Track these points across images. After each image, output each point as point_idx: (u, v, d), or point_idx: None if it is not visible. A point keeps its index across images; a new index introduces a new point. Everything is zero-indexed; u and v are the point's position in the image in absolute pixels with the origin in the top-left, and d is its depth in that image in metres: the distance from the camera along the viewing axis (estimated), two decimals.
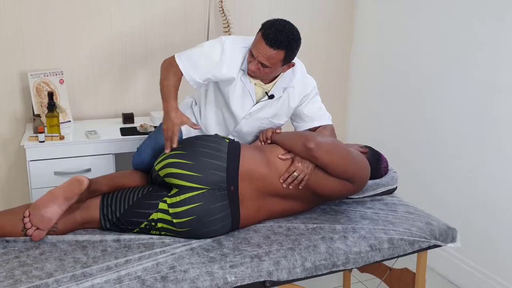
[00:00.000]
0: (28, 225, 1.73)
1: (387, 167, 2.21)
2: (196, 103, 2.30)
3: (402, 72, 3.08)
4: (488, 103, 2.53)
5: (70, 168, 2.47)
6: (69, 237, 1.78)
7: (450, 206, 2.78)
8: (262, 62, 1.94)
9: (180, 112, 1.95)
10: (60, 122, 2.53)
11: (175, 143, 1.89)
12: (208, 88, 2.20)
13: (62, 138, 2.47)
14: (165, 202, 1.80)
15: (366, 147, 2.20)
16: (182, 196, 1.78)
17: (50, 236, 1.77)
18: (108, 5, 2.80)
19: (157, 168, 1.88)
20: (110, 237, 1.79)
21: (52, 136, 2.44)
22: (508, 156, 2.46)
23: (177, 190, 1.81)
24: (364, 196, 2.23)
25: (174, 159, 1.85)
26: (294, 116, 2.26)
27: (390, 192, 2.30)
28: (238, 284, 1.63)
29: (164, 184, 1.87)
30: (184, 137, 2.16)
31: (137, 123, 2.82)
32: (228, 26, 2.89)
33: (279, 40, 1.90)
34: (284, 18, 1.98)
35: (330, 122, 2.26)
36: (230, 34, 2.85)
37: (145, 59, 2.96)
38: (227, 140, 1.97)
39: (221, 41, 2.04)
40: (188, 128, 2.16)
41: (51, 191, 1.76)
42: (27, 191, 2.68)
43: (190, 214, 1.77)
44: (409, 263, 2.27)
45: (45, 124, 2.51)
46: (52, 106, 2.49)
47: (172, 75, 2.00)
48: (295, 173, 1.90)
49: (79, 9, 2.75)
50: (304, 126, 2.25)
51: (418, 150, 2.99)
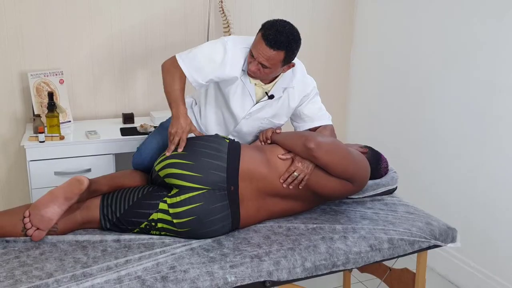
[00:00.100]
0: (28, 225, 1.73)
1: (387, 167, 2.21)
2: (196, 103, 2.30)
3: (402, 72, 3.07)
4: (488, 103, 2.53)
5: (70, 168, 2.47)
6: (69, 237, 1.78)
7: (450, 206, 2.78)
8: (262, 62, 1.94)
9: (189, 119, 1.95)
10: (60, 122, 2.53)
11: (181, 149, 1.88)
12: (208, 88, 2.20)
13: (62, 138, 2.47)
14: (165, 202, 1.80)
15: (366, 147, 2.20)
16: (182, 196, 1.78)
17: (50, 236, 1.77)
18: (108, 5, 2.80)
19: (157, 168, 1.88)
20: (110, 237, 1.79)
21: (52, 136, 2.44)
22: (508, 156, 2.46)
23: (177, 190, 1.81)
24: (364, 196, 2.23)
25: (174, 159, 1.85)
26: (294, 116, 2.26)
27: (390, 192, 2.30)
28: (238, 284, 1.63)
29: (164, 184, 1.87)
30: None
31: (137, 123, 2.82)
32: (228, 26, 2.88)
33: (279, 41, 1.90)
34: (284, 19, 1.98)
35: (330, 122, 2.26)
36: (230, 34, 2.85)
37: (145, 59, 2.96)
38: (227, 140, 1.96)
39: (223, 41, 2.04)
40: None
41: (51, 191, 1.76)
42: (27, 191, 2.68)
43: (190, 214, 1.77)
44: (409, 263, 2.27)
45: (45, 124, 2.50)
46: (52, 106, 2.49)
47: (177, 78, 1.99)
48: (295, 173, 1.90)
49: (79, 9, 2.74)
50: (304, 126, 2.25)
51: (418, 150, 2.99)
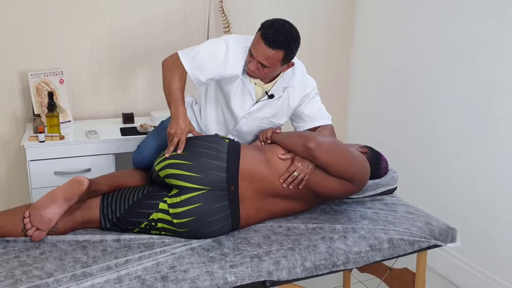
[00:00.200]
0: (28, 225, 1.73)
1: (387, 167, 2.21)
2: (196, 102, 2.29)
3: (402, 72, 3.07)
4: (488, 103, 2.53)
5: (70, 168, 2.47)
6: (69, 237, 1.78)
7: (450, 206, 2.78)
8: (261, 62, 1.94)
9: (189, 119, 1.94)
10: (60, 122, 2.53)
11: (181, 150, 1.88)
12: (208, 87, 2.19)
13: (62, 138, 2.47)
14: (165, 202, 1.80)
15: (366, 147, 2.20)
16: (183, 197, 1.78)
17: (50, 236, 1.77)
18: (108, 5, 2.80)
19: (157, 168, 1.88)
20: (110, 237, 1.79)
21: (52, 136, 2.44)
22: (508, 156, 2.46)
23: (177, 190, 1.81)
24: (364, 196, 2.23)
25: (174, 159, 1.85)
26: (294, 116, 2.26)
27: (390, 192, 2.30)
28: (238, 284, 1.63)
29: (164, 184, 1.87)
30: None
31: (137, 123, 2.82)
32: (228, 26, 2.88)
33: (278, 40, 1.90)
34: (283, 18, 1.98)
35: (330, 122, 2.26)
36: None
37: (145, 59, 2.96)
38: (227, 140, 1.96)
39: (225, 39, 2.04)
40: None
41: (51, 191, 1.76)
42: (27, 191, 2.68)
43: (190, 215, 1.77)
44: (409, 263, 2.27)
45: (45, 124, 2.50)
46: (52, 106, 2.49)
47: (178, 77, 1.98)
48: (295, 173, 1.90)
49: (79, 9, 2.74)
50: (304, 126, 2.25)
51: (418, 150, 2.99)
